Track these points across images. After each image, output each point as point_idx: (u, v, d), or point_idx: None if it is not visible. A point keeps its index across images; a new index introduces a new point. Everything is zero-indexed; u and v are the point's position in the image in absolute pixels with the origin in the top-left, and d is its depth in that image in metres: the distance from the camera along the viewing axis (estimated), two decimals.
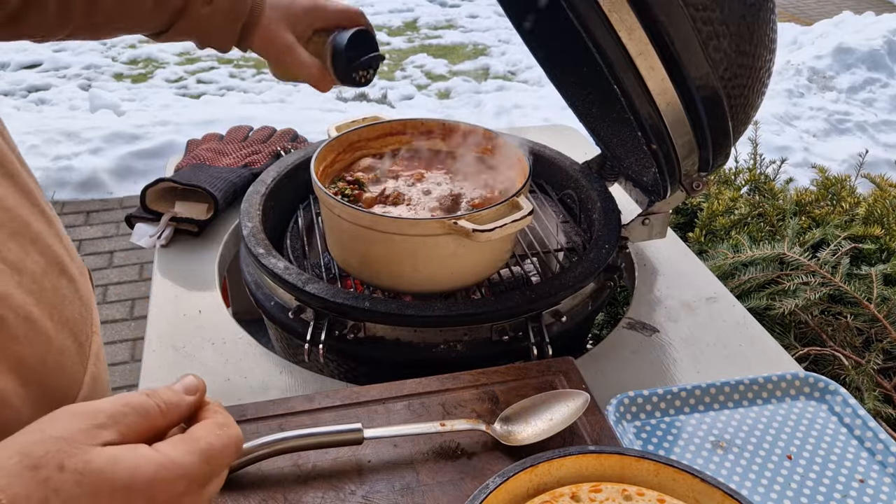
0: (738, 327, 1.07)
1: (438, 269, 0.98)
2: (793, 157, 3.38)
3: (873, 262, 1.41)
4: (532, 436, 0.74)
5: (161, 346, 0.99)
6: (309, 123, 3.48)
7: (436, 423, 0.74)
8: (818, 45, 4.70)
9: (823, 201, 1.66)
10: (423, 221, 0.93)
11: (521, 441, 0.73)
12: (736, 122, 0.89)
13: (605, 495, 0.65)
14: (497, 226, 0.89)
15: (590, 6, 0.77)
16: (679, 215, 1.72)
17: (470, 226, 0.89)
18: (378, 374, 0.86)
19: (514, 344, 0.95)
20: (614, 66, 0.82)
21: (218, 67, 5.01)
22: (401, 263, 0.98)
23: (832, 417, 0.88)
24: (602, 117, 1.19)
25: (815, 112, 4.01)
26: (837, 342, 1.25)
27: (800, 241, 1.45)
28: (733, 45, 0.81)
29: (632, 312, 1.09)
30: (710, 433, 0.86)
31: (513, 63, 5.29)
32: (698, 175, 0.97)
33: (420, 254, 0.96)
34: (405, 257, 0.97)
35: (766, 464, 0.82)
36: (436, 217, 0.95)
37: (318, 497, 0.68)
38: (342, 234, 1.02)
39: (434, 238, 0.93)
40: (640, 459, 0.67)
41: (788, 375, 0.92)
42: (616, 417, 0.86)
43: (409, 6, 6.56)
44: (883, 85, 4.38)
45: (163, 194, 1.25)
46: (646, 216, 1.10)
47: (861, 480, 0.79)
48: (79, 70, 4.86)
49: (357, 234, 0.97)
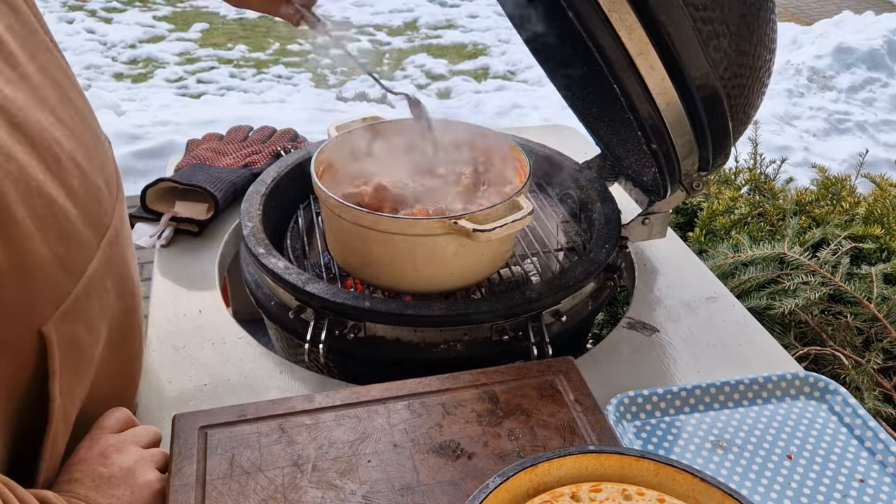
0: (738, 327, 1.07)
1: (439, 268, 0.98)
2: (793, 156, 3.38)
3: (873, 262, 1.41)
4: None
5: (161, 346, 0.99)
6: (309, 123, 3.48)
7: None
8: (818, 45, 4.70)
9: (823, 201, 1.66)
10: (424, 221, 0.93)
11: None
12: (736, 122, 0.90)
13: (605, 495, 0.65)
14: (497, 226, 0.89)
15: (590, 6, 0.77)
16: (679, 215, 1.72)
17: (470, 225, 0.89)
18: (378, 374, 0.86)
19: (514, 344, 0.95)
20: (614, 65, 0.82)
21: (218, 67, 5.01)
22: (401, 263, 0.98)
23: (832, 417, 0.88)
24: (602, 117, 1.19)
25: (815, 112, 4.01)
26: (837, 342, 1.25)
27: (800, 240, 1.45)
28: (733, 45, 0.81)
29: (632, 312, 1.09)
30: (710, 433, 0.86)
31: (513, 63, 5.29)
32: (698, 175, 0.97)
33: (420, 253, 0.96)
34: (405, 257, 0.97)
35: (766, 463, 0.82)
36: (436, 217, 0.95)
37: (318, 497, 0.68)
38: (342, 234, 1.03)
39: (434, 238, 0.93)
40: (640, 459, 0.67)
41: (788, 375, 0.92)
42: (616, 417, 0.86)
43: (409, 6, 6.56)
44: (883, 84, 4.38)
45: (163, 194, 1.25)
46: (646, 216, 1.10)
47: (861, 480, 0.79)
48: (79, 70, 4.85)
49: (357, 233, 0.97)
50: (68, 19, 5.66)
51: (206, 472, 0.71)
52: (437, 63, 5.29)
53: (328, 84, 4.56)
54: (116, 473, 0.66)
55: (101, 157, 0.70)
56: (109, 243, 0.68)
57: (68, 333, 0.61)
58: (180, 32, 5.62)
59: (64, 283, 0.61)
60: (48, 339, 0.58)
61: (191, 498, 0.68)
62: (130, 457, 0.69)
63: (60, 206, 0.59)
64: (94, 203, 0.66)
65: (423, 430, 0.76)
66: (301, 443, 0.74)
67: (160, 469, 0.71)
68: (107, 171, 0.71)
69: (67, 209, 0.60)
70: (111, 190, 0.71)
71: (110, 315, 0.70)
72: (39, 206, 0.57)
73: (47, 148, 0.59)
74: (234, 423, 0.76)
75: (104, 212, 0.68)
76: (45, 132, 0.60)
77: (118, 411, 0.73)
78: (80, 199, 0.63)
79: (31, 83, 0.61)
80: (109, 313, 0.70)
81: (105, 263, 0.67)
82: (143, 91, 4.55)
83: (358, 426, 0.77)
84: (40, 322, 0.58)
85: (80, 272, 0.63)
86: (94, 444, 0.68)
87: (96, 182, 0.67)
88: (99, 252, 0.66)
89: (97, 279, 0.65)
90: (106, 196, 0.69)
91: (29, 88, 0.60)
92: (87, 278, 0.63)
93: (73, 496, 0.63)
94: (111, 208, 0.70)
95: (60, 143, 0.62)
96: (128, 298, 0.74)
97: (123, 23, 5.69)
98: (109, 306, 0.69)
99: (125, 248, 0.73)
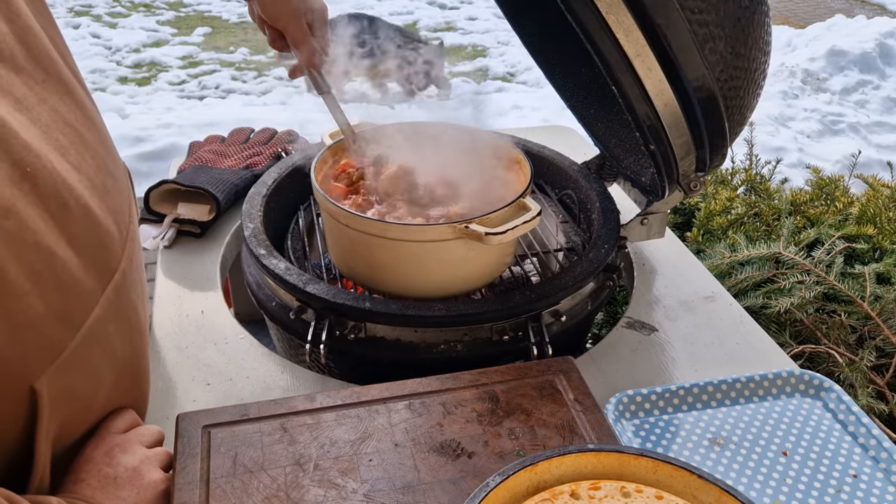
0: (735, 326, 1.07)
1: (448, 273, 0.98)
2: (788, 157, 3.39)
3: (866, 261, 1.42)
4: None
5: (164, 347, 1.00)
6: (310, 125, 3.49)
7: None
8: (812, 48, 4.71)
9: (818, 201, 1.67)
10: (434, 227, 0.93)
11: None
12: (732, 123, 0.90)
13: (604, 492, 0.66)
14: (509, 228, 0.89)
15: (588, 8, 0.78)
16: (677, 215, 1.73)
17: (482, 229, 0.89)
18: (379, 374, 0.86)
19: (514, 344, 0.95)
20: (612, 67, 0.82)
21: (220, 70, 5.01)
22: (410, 269, 0.97)
23: (826, 414, 0.89)
24: (600, 118, 1.19)
25: (809, 113, 4.02)
26: (832, 340, 1.26)
27: (795, 240, 1.46)
28: (729, 48, 0.82)
29: (631, 312, 1.10)
30: (707, 430, 0.87)
31: (512, 64, 5.29)
32: (696, 175, 0.98)
33: (430, 259, 0.96)
34: (415, 263, 0.96)
35: (762, 460, 0.83)
36: (447, 222, 0.94)
37: (319, 495, 0.69)
38: (348, 243, 1.01)
39: (444, 243, 0.93)
40: (639, 457, 0.68)
41: (784, 373, 0.93)
42: (615, 416, 0.86)
43: (408, 9, 6.56)
44: (875, 87, 4.39)
45: (166, 196, 1.26)
46: (644, 216, 1.11)
47: (854, 475, 0.80)
48: (84, 74, 4.84)
49: (364, 241, 0.96)
50: (74, 24, 5.68)
51: (210, 470, 0.72)
52: None
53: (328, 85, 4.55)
54: (122, 474, 0.67)
55: (115, 198, 0.67)
56: (115, 288, 0.65)
57: (62, 386, 0.59)
58: (183, 36, 5.62)
59: (60, 337, 0.58)
60: (39, 394, 0.56)
61: (195, 496, 0.69)
62: (135, 456, 0.69)
63: (60, 258, 0.57)
64: (100, 249, 0.63)
65: (423, 429, 0.77)
66: (303, 442, 0.75)
67: (164, 468, 0.72)
68: (119, 211, 0.68)
69: (67, 259, 0.58)
70: (122, 230, 0.68)
71: (114, 360, 0.68)
72: (36, 261, 0.55)
73: (56, 196, 0.57)
74: (236, 423, 0.77)
75: (111, 256, 0.65)
76: (56, 178, 0.58)
77: (124, 412, 0.73)
78: (84, 247, 0.60)
79: (41, 126, 0.59)
80: (113, 358, 0.67)
81: (109, 310, 0.64)
82: (146, 94, 4.56)
83: (359, 426, 0.77)
84: (32, 378, 0.56)
85: (80, 323, 0.60)
86: (100, 444, 0.68)
87: (105, 226, 0.64)
88: (102, 299, 0.63)
89: (99, 327, 0.63)
90: (115, 240, 0.66)
91: (40, 131, 0.59)
92: (87, 328, 0.61)
93: (79, 498, 0.63)
94: (120, 251, 0.67)
95: (72, 188, 0.60)
96: (135, 340, 0.72)
97: (128, 27, 5.70)
98: (113, 352, 0.67)
99: (132, 289, 0.70)
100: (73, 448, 0.67)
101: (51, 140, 0.60)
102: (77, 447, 0.68)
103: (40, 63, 0.62)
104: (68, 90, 0.66)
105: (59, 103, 0.63)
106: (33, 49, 0.62)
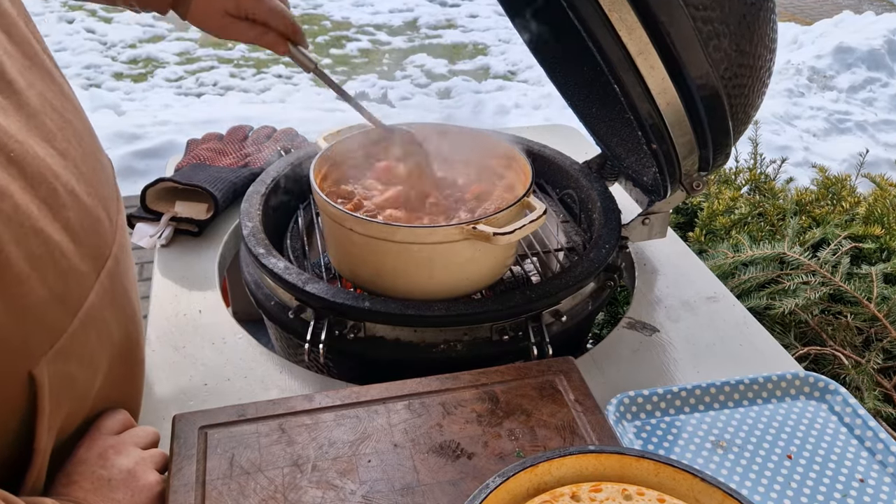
0: (738, 327, 1.07)
1: (455, 274, 0.97)
2: (793, 156, 3.38)
3: (873, 262, 1.41)
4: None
5: (161, 346, 0.99)
6: (309, 123, 3.48)
7: None
8: (818, 45, 4.70)
9: (824, 201, 1.66)
10: (442, 228, 0.92)
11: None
12: (736, 122, 0.89)
13: (605, 495, 0.65)
14: (517, 227, 0.89)
15: (590, 5, 0.77)
16: (679, 215, 1.72)
17: (490, 229, 0.88)
18: (378, 374, 0.86)
19: (514, 344, 0.95)
20: (615, 65, 0.82)
21: (218, 67, 5.01)
22: (417, 272, 0.96)
23: (832, 417, 0.88)
24: (602, 117, 1.19)
25: (815, 111, 4.01)
26: (837, 341, 1.25)
27: (800, 240, 1.45)
28: (734, 45, 0.81)
29: (632, 312, 1.09)
30: (710, 433, 0.86)
31: (513, 63, 5.29)
32: (698, 175, 0.97)
33: (437, 261, 0.95)
34: (421, 266, 0.95)
35: (767, 463, 0.82)
36: (455, 223, 0.93)
37: (318, 497, 0.68)
38: (352, 247, 1.00)
39: (451, 244, 0.92)
40: (640, 459, 0.67)
41: (788, 375, 0.92)
42: (616, 417, 0.86)
43: (409, 6, 6.56)
44: (883, 84, 4.38)
45: (163, 194, 1.25)
46: (646, 216, 1.10)
47: (861, 480, 0.79)
48: (79, 70, 4.85)
49: (369, 245, 0.95)
50: (68, 19, 5.66)
51: (206, 471, 0.71)
52: (437, 63, 5.29)
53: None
54: (116, 476, 0.66)
55: (102, 186, 0.68)
56: (108, 274, 0.66)
57: (61, 372, 0.60)
58: (180, 32, 5.61)
59: (59, 321, 0.59)
60: (38, 380, 0.57)
61: (191, 498, 0.68)
62: (130, 458, 0.68)
63: (57, 243, 0.57)
64: (93, 236, 0.64)
65: (423, 430, 0.76)
66: (301, 443, 0.74)
67: (159, 470, 0.71)
68: (107, 199, 0.69)
69: (64, 245, 0.58)
70: (111, 218, 0.68)
71: (110, 346, 0.68)
72: (35, 245, 0.55)
73: (44, 182, 0.57)
74: (233, 423, 0.76)
75: (103, 242, 0.66)
76: (42, 165, 0.58)
77: (117, 412, 0.72)
78: (78, 233, 0.61)
79: (28, 111, 0.59)
80: (109, 345, 0.68)
81: (104, 296, 0.65)
82: (143, 91, 4.55)
83: (358, 426, 0.77)
84: (31, 364, 0.56)
85: (77, 308, 0.61)
86: (93, 446, 0.67)
87: (96, 213, 0.65)
88: (97, 285, 0.64)
89: (95, 312, 0.64)
90: (106, 226, 0.67)
91: (26, 117, 0.58)
92: (84, 313, 0.62)
93: (72, 500, 0.62)
94: (111, 238, 0.68)
95: (58, 175, 0.60)
96: (129, 328, 0.73)
97: (123, 22, 5.68)
98: (109, 338, 0.68)
99: (125, 276, 0.71)
100: (66, 444, 0.67)
101: (38, 125, 0.60)
102: (72, 442, 0.67)
103: (21, 48, 0.62)
104: (52, 77, 0.65)
105: (45, 89, 0.63)
106: (14, 36, 0.62)
